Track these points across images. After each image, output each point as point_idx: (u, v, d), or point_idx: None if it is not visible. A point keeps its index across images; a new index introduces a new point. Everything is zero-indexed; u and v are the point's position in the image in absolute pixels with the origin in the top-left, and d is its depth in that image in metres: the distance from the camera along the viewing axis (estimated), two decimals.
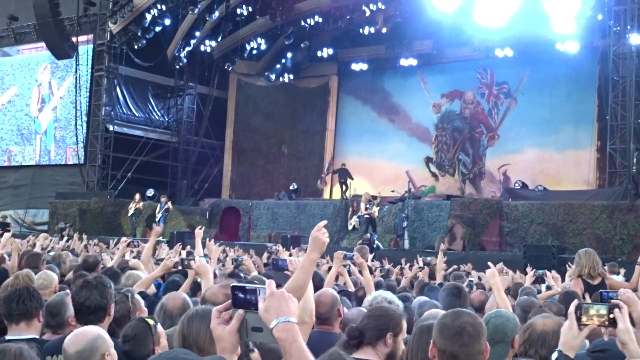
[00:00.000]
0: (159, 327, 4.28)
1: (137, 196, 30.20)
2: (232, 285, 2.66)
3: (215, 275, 6.84)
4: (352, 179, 31.77)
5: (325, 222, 4.58)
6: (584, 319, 3.33)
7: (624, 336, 3.34)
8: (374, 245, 21.92)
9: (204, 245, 9.69)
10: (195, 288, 7.22)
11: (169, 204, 30.01)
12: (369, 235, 24.09)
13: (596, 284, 8.75)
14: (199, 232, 9.67)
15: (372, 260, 15.74)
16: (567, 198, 24.69)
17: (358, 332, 4.44)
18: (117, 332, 4.67)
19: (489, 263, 7.03)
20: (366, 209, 25.96)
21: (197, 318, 3.45)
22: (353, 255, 8.75)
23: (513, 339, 4.48)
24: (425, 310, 5.43)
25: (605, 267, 11.59)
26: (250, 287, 2.60)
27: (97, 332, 4.11)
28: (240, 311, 2.60)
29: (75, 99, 34.66)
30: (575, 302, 3.42)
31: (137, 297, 5.52)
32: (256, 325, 2.57)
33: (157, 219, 29.32)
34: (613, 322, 3.32)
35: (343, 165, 33.17)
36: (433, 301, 6.42)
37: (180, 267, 7.57)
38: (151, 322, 4.31)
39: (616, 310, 3.33)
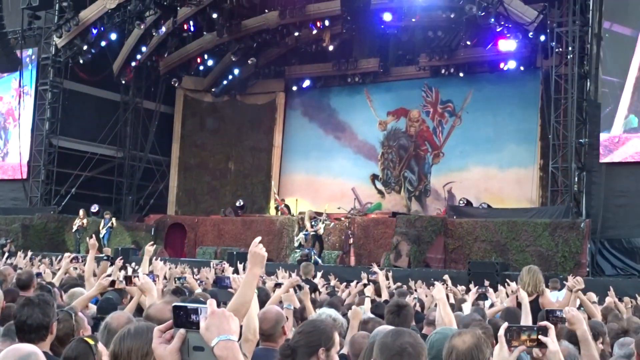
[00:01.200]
0: (100, 346, 4.23)
1: (82, 212, 29.83)
2: (173, 304, 2.66)
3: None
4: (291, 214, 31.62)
5: (260, 238, 4.63)
6: (514, 343, 3.38)
7: (553, 358, 3.40)
8: (312, 261, 21.92)
9: (151, 262, 9.61)
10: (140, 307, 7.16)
11: (113, 220, 29.71)
12: (306, 250, 24.21)
13: (530, 300, 8.85)
14: (149, 249, 9.56)
15: (320, 278, 15.77)
16: (511, 216, 25.04)
17: (290, 350, 4.44)
18: (61, 351, 4.62)
19: (436, 282, 7.10)
20: (312, 226, 26.01)
21: (129, 337, 3.42)
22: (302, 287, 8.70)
23: None
24: (369, 327, 5.47)
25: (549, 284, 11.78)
26: (192, 307, 2.60)
27: (31, 349, 4.06)
28: (182, 330, 2.61)
29: (19, 113, 34.21)
30: (505, 324, 3.46)
31: (81, 315, 5.46)
32: (197, 345, 2.58)
33: (101, 235, 29.01)
34: (542, 343, 3.38)
35: (283, 200, 33.17)
36: (377, 318, 6.48)
37: (116, 287, 7.52)
38: (92, 341, 4.26)
39: (542, 334, 3.38)
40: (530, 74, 30.62)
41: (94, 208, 32.10)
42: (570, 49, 24.69)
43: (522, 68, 30.90)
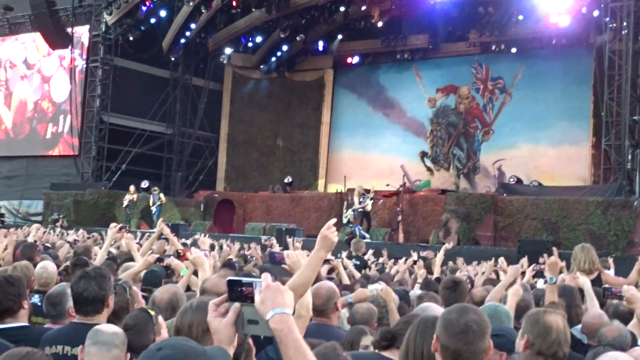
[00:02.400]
0: (160, 319, 4.28)
1: (132, 188, 30.15)
2: (228, 279, 2.68)
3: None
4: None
5: (334, 220, 4.56)
6: None
7: None
8: (358, 237, 21.85)
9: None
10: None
11: (162, 196, 29.88)
12: (350, 228, 24.21)
13: (591, 279, 8.68)
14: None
15: (370, 255, 15.75)
16: (562, 194, 24.74)
17: (391, 335, 4.47)
18: (116, 324, 4.66)
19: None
20: (360, 202, 25.96)
21: (190, 311, 3.46)
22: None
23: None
24: (425, 302, 5.43)
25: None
26: (247, 281, 2.63)
27: (113, 330, 4.12)
28: (237, 304, 2.63)
29: (70, 89, 34.64)
30: None
31: (135, 289, 5.51)
32: (252, 318, 2.61)
33: (152, 212, 29.26)
34: None
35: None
36: (431, 293, 6.44)
37: (163, 263, 7.60)
38: (152, 312, 4.31)
39: None
40: (582, 50, 30.16)
41: (144, 184, 32.40)
42: (624, 24, 24.22)
43: (574, 44, 30.42)
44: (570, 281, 8.53)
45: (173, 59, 35.91)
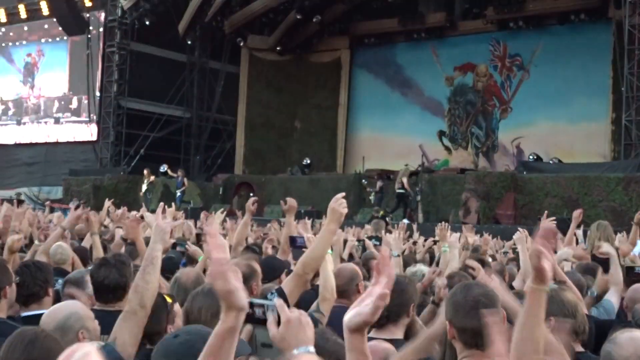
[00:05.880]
0: (177, 307, 4.19)
1: (146, 171, 30.14)
2: None
3: None
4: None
5: (343, 193, 4.54)
6: None
7: None
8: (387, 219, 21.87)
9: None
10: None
11: (186, 180, 29.86)
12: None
13: (607, 258, 8.58)
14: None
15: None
16: (582, 170, 24.56)
17: (387, 312, 4.36)
18: None
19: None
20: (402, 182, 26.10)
21: (200, 295, 3.44)
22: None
23: None
24: (455, 282, 5.32)
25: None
26: (258, 302, 2.51)
27: (70, 309, 4.00)
28: (249, 326, 2.53)
29: (87, 75, 34.68)
30: None
31: None
32: (265, 342, 2.50)
33: (176, 196, 29.15)
34: None
35: None
36: (463, 273, 6.36)
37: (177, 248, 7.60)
38: (169, 299, 4.22)
39: None
40: (601, 25, 29.87)
41: (163, 168, 32.42)
42: None
43: (593, 19, 30.14)
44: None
45: (190, 42, 35.85)
